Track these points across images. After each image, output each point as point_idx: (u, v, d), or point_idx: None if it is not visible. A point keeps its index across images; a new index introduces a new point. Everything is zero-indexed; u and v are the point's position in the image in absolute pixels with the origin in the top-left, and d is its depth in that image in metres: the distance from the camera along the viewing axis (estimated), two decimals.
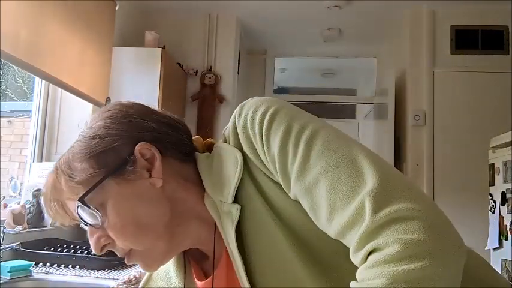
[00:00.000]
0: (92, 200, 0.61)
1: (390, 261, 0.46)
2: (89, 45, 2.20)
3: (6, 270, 1.46)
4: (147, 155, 0.64)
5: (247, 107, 0.62)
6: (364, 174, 0.52)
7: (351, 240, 0.51)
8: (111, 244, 0.65)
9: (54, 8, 1.88)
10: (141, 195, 0.63)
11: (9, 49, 1.58)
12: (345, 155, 0.54)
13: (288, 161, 0.57)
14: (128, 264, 0.68)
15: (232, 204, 0.61)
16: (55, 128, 2.37)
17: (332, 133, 0.57)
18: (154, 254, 0.65)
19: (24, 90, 2.52)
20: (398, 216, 0.48)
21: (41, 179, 2.12)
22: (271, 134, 0.58)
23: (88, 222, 0.63)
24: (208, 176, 0.65)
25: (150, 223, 0.63)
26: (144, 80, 2.56)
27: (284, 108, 0.60)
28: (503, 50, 2.92)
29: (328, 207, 0.53)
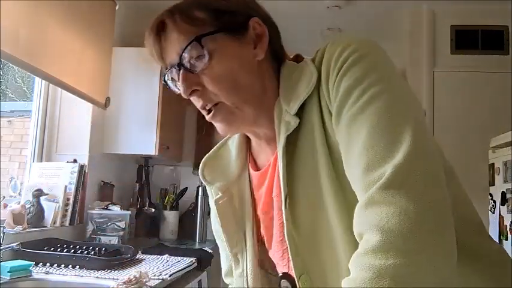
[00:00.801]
0: (204, 43, 0.68)
1: (377, 251, 0.50)
2: (89, 45, 2.20)
3: (6, 270, 1.46)
4: (257, 30, 0.72)
5: (344, 39, 0.66)
6: (398, 150, 0.55)
7: (358, 196, 0.58)
8: (201, 92, 0.71)
9: (54, 8, 1.88)
10: (243, 58, 0.71)
11: (9, 49, 1.58)
12: (395, 124, 0.57)
13: (347, 105, 0.61)
14: (210, 119, 0.73)
15: (293, 116, 0.68)
16: (55, 128, 2.37)
17: (399, 98, 0.60)
18: (237, 114, 0.71)
19: (24, 90, 2.52)
20: (397, 204, 0.52)
21: (41, 179, 2.12)
22: (346, 74, 0.62)
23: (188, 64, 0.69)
24: (286, 83, 0.72)
25: (244, 84, 0.70)
26: (144, 80, 2.56)
27: (371, 55, 0.63)
28: (503, 50, 2.91)
29: (357, 163, 0.58)
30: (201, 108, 0.73)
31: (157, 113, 2.53)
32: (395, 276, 0.48)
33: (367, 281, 0.49)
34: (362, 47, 0.64)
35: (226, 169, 0.83)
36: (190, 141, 3.06)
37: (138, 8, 3.01)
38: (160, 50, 0.72)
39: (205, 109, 0.73)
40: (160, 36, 0.72)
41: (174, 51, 0.70)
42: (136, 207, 2.71)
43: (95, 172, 2.41)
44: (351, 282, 0.52)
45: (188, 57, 0.69)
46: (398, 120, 0.57)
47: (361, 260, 0.52)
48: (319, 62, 0.68)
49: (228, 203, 0.81)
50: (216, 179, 0.83)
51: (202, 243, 2.70)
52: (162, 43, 0.72)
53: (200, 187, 2.90)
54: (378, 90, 0.60)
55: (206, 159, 0.86)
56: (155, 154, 2.53)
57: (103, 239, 2.17)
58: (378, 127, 0.57)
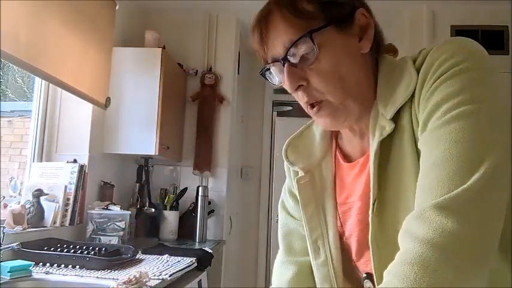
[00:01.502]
0: (315, 38, 0.66)
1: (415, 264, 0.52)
2: (89, 45, 2.20)
3: (6, 270, 1.46)
4: (363, 22, 0.71)
5: (450, 46, 0.63)
6: (469, 176, 0.54)
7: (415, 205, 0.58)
8: (305, 87, 0.69)
9: (54, 8, 1.88)
10: (349, 52, 0.69)
11: (9, 49, 1.58)
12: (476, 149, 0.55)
13: (434, 116, 0.60)
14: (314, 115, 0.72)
15: (388, 121, 0.67)
16: (55, 128, 2.37)
17: (489, 123, 0.57)
18: (342, 110, 0.70)
19: (24, 90, 2.52)
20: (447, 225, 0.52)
21: (41, 179, 2.12)
22: (442, 85, 0.60)
23: (295, 59, 0.68)
24: (385, 83, 0.70)
25: (350, 79, 0.69)
26: (144, 80, 2.56)
27: (474, 71, 0.59)
28: (503, 50, 2.91)
29: (425, 175, 0.58)
30: (304, 104, 0.72)
31: (157, 113, 2.53)
32: None
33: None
34: (467, 59, 0.60)
35: (310, 151, 0.83)
36: (190, 141, 3.06)
37: (138, 8, 3.01)
38: (263, 42, 0.71)
39: (309, 104, 0.71)
40: (264, 28, 0.70)
41: (281, 43, 0.68)
42: (136, 207, 2.71)
43: (95, 172, 2.42)
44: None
45: (295, 51, 0.68)
46: (480, 148, 0.55)
47: (397, 268, 0.53)
48: (419, 64, 0.65)
49: (309, 183, 0.81)
50: (299, 159, 0.83)
51: (202, 243, 2.70)
52: (266, 35, 0.70)
53: (200, 187, 2.90)
54: (470, 109, 0.57)
55: (290, 140, 0.86)
56: (155, 154, 2.53)
57: (103, 239, 2.17)
58: (456, 147, 0.56)
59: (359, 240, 0.75)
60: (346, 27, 0.69)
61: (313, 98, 0.70)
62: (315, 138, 0.83)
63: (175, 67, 2.90)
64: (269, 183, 4.00)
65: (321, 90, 0.69)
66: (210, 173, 3.03)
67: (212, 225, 3.01)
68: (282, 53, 0.68)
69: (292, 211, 0.89)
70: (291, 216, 0.90)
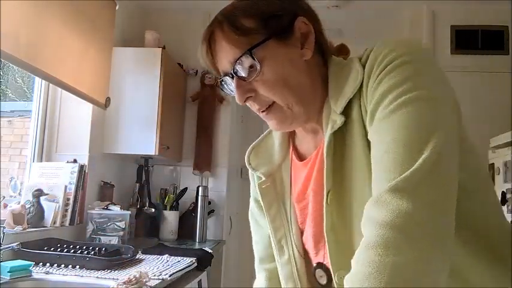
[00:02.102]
0: (255, 54, 0.70)
1: (378, 247, 0.53)
2: (89, 45, 2.20)
3: (6, 270, 1.46)
4: (303, 29, 0.74)
5: (392, 42, 0.67)
6: (417, 158, 0.57)
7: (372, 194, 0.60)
8: (254, 97, 0.74)
9: (54, 8, 1.88)
10: (292, 61, 0.73)
11: (9, 49, 1.58)
12: (421, 133, 0.59)
13: (380, 107, 0.63)
14: (264, 118, 0.77)
15: (339, 115, 0.70)
16: (55, 128, 2.37)
17: (433, 108, 0.61)
18: (289, 113, 0.74)
19: (24, 90, 2.52)
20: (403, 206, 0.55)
21: (41, 179, 2.12)
22: (386, 77, 0.64)
23: (241, 73, 0.72)
24: (334, 82, 0.74)
25: (295, 86, 0.73)
26: (144, 80, 2.56)
27: (415, 62, 0.64)
28: (503, 50, 2.91)
29: (377, 162, 0.62)
30: (256, 111, 0.77)
31: (157, 113, 2.53)
32: (393, 272, 0.52)
33: (366, 275, 0.53)
34: (408, 52, 0.65)
35: (270, 156, 0.87)
36: (190, 141, 3.06)
37: (138, 8, 3.01)
38: (212, 58, 0.76)
39: (260, 111, 0.76)
40: (211, 46, 0.75)
41: (226, 60, 0.73)
42: (136, 207, 2.71)
43: (95, 172, 2.42)
44: (352, 277, 0.55)
45: (240, 67, 0.72)
46: (424, 131, 0.58)
47: (362, 255, 0.55)
48: (365, 61, 0.70)
49: (271, 187, 0.85)
50: (260, 165, 0.87)
51: (202, 243, 2.70)
52: (214, 52, 0.75)
53: (200, 187, 2.90)
54: (413, 97, 0.61)
55: (252, 147, 0.91)
56: (155, 154, 2.53)
57: (103, 239, 2.17)
58: (403, 133, 0.59)
59: (315, 233, 0.79)
60: (286, 38, 0.73)
61: (264, 105, 0.74)
62: (275, 143, 0.88)
63: (175, 67, 2.90)
64: None
65: (269, 97, 0.73)
66: (210, 173, 3.03)
67: (212, 225, 3.01)
68: (229, 69, 0.73)
69: (259, 218, 0.93)
70: (258, 225, 0.93)
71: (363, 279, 0.53)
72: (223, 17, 0.74)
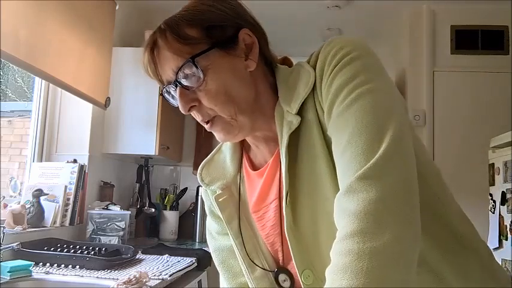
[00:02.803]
0: (198, 63, 0.70)
1: (355, 236, 0.55)
2: (89, 45, 2.20)
3: (6, 270, 1.46)
4: (247, 41, 0.74)
5: (338, 41, 0.69)
6: (379, 146, 0.59)
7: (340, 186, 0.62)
8: (198, 107, 0.74)
9: (54, 8, 1.88)
10: (235, 71, 0.73)
11: (9, 49, 1.58)
12: (378, 122, 0.61)
13: (336, 102, 0.65)
14: (209, 129, 0.77)
15: (294, 115, 0.71)
16: (55, 128, 2.37)
17: (385, 99, 0.64)
18: (234, 124, 0.74)
19: (24, 90, 2.52)
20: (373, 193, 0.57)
21: (41, 179, 2.12)
22: (338, 74, 0.66)
23: (184, 82, 0.72)
24: (284, 86, 0.75)
25: (238, 97, 0.73)
26: (144, 80, 2.54)
27: (362, 58, 0.67)
28: (503, 50, 2.91)
29: (341, 155, 0.63)
30: (200, 121, 0.76)
31: (157, 113, 2.53)
32: (373, 257, 0.53)
33: (347, 264, 0.53)
34: (355, 49, 0.67)
35: (223, 171, 0.86)
36: (190, 141, 3.06)
37: (138, 8, 3.01)
38: (155, 67, 0.74)
39: (204, 122, 0.76)
40: (154, 55, 0.74)
41: (170, 69, 0.72)
42: (136, 207, 2.71)
43: (95, 172, 2.42)
44: (333, 268, 0.55)
45: (183, 76, 0.71)
46: (381, 119, 0.62)
47: (340, 246, 0.56)
48: (314, 62, 0.71)
49: (229, 200, 0.84)
50: (214, 181, 0.87)
51: (202, 243, 2.70)
52: (157, 61, 0.74)
53: (200, 187, 2.89)
54: (366, 89, 0.64)
55: (203, 164, 0.90)
56: (155, 154, 2.53)
57: (103, 239, 2.17)
58: (362, 123, 0.61)
59: (267, 235, 0.79)
60: (230, 49, 0.73)
61: (207, 116, 0.74)
62: (226, 157, 0.87)
63: None
64: None
65: (211, 108, 0.73)
66: None
67: None
68: (173, 77, 0.72)
69: (219, 236, 0.90)
70: (219, 240, 0.90)
71: (344, 268, 0.53)
72: (167, 25, 0.73)
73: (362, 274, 0.52)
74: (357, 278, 0.52)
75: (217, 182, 0.86)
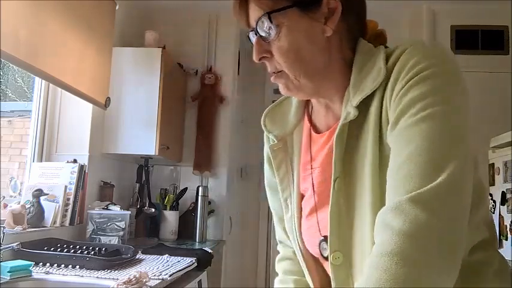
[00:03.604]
0: (274, 18, 0.73)
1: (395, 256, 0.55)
2: (89, 45, 2.20)
3: (6, 270, 1.46)
4: (331, 5, 0.74)
5: (422, 49, 0.67)
6: (439, 174, 0.58)
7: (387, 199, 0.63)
8: (269, 58, 0.77)
9: (54, 8, 1.88)
10: (310, 34, 0.74)
11: (9, 49, 1.58)
12: (444, 148, 0.61)
13: (406, 115, 0.64)
14: (272, 81, 0.80)
15: (354, 108, 0.72)
16: (55, 128, 2.37)
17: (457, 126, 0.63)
18: (295, 84, 0.77)
19: (24, 90, 2.52)
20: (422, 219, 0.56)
21: (41, 179, 2.12)
22: (414, 87, 0.64)
23: (261, 33, 0.75)
24: (358, 72, 0.75)
25: (307, 59, 0.75)
26: (144, 80, 2.56)
27: (443, 75, 0.65)
28: (503, 50, 2.92)
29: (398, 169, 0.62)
30: (269, 72, 0.79)
31: (157, 113, 2.53)
32: (407, 283, 0.54)
33: (382, 281, 0.54)
34: (439, 63, 0.65)
35: (285, 121, 0.90)
36: (190, 141, 3.06)
37: (138, 8, 3.01)
38: (242, 14, 0.78)
39: (271, 72, 0.79)
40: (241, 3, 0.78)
41: (253, 18, 0.76)
42: (136, 207, 2.71)
43: (95, 172, 2.42)
44: (367, 281, 0.57)
45: (261, 27, 0.75)
46: (448, 146, 0.60)
47: (377, 260, 0.57)
48: (392, 63, 0.69)
49: (281, 150, 0.89)
50: (274, 128, 0.90)
51: (202, 243, 2.70)
52: (243, 9, 0.78)
53: (200, 187, 2.90)
54: (440, 110, 0.62)
55: (268, 110, 0.93)
56: (155, 154, 2.53)
57: (103, 239, 2.17)
58: (428, 144, 0.60)
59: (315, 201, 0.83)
60: (311, 11, 0.73)
61: (274, 69, 0.77)
62: (292, 108, 0.90)
63: (175, 67, 2.90)
64: None
65: (280, 63, 0.76)
66: (210, 173, 3.03)
67: (212, 225, 3.01)
68: (253, 26, 0.76)
69: (271, 182, 0.95)
70: (272, 190, 0.95)
71: (377, 283, 0.55)
72: None
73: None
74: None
75: (276, 130, 0.90)
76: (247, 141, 3.94)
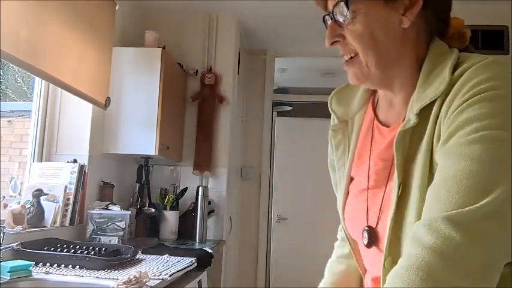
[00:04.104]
0: (351, 4, 0.74)
1: (420, 271, 0.55)
2: (89, 45, 2.20)
3: (6, 270, 1.46)
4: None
5: (490, 69, 0.65)
6: (482, 197, 0.57)
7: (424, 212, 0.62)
8: (341, 43, 0.78)
9: (54, 8, 1.88)
10: (387, 23, 0.74)
11: (9, 49, 1.58)
12: (494, 173, 0.58)
13: (459, 133, 0.62)
14: (345, 67, 0.80)
15: (414, 115, 0.70)
16: (55, 128, 2.37)
17: (507, 152, 0.59)
18: (365, 72, 0.77)
19: (24, 90, 2.52)
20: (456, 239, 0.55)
21: (41, 179, 2.12)
22: (476, 105, 0.62)
23: (337, 17, 0.77)
24: (425, 76, 0.73)
25: (381, 47, 0.75)
26: (144, 80, 2.56)
27: (506, 99, 0.62)
28: (503, 50, 2.92)
29: (441, 185, 0.61)
30: (341, 56, 0.80)
31: (157, 113, 2.53)
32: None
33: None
34: (502, 86, 0.63)
35: (349, 104, 0.92)
36: (190, 141, 3.06)
37: (138, 8, 3.01)
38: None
39: (344, 59, 0.79)
40: None
41: (331, 1, 0.78)
42: (136, 207, 2.71)
43: (95, 172, 2.42)
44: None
45: (337, 11, 0.76)
46: (497, 173, 0.58)
47: (403, 272, 0.56)
48: (458, 75, 0.67)
49: (340, 131, 0.92)
50: (338, 109, 0.92)
51: (202, 243, 2.70)
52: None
53: (200, 187, 2.90)
54: (495, 135, 0.60)
55: (337, 90, 0.95)
56: (155, 154, 2.53)
57: (103, 239, 2.17)
58: (476, 166, 0.58)
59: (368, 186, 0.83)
60: (391, 0, 0.74)
61: (347, 52, 0.78)
62: (358, 93, 0.91)
63: (175, 67, 2.90)
64: (269, 183, 3.99)
65: (354, 47, 0.76)
66: (210, 173, 3.03)
67: (212, 225, 3.01)
68: (330, 9, 0.78)
69: (332, 162, 0.97)
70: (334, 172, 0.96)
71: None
72: None
73: None
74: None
75: (339, 111, 0.92)
76: (247, 141, 3.94)
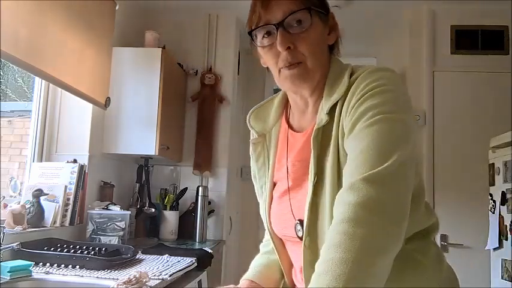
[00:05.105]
0: (312, 14, 0.86)
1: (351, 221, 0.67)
2: (89, 45, 2.20)
3: (6, 270, 1.46)
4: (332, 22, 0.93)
5: (376, 73, 0.83)
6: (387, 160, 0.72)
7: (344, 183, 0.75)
8: (293, 51, 0.86)
9: (54, 8, 1.88)
10: (324, 36, 0.91)
11: (9, 49, 1.58)
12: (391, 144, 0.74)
13: (360, 121, 0.78)
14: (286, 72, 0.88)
15: (325, 114, 0.86)
16: (55, 128, 2.37)
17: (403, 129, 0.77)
18: (310, 75, 0.88)
19: (24, 90, 2.52)
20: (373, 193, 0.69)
21: (41, 179, 2.12)
22: (370, 98, 0.79)
23: (293, 23, 0.85)
24: (332, 82, 0.89)
25: (321, 56, 0.90)
26: (144, 80, 2.56)
27: (391, 92, 0.81)
28: (503, 50, 2.91)
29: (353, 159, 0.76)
30: (284, 64, 0.87)
31: (157, 113, 2.53)
32: (363, 240, 0.65)
33: (342, 241, 0.65)
34: (390, 83, 0.81)
35: (265, 120, 1.04)
36: (190, 141, 3.06)
37: (138, 8, 3.01)
38: (262, 6, 0.87)
39: (287, 66, 0.87)
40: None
41: (281, 11, 0.85)
42: (136, 207, 2.71)
43: (95, 172, 2.42)
44: (329, 243, 0.67)
45: (291, 19, 0.85)
46: (393, 144, 0.74)
47: (338, 227, 0.68)
48: (353, 80, 0.85)
49: (260, 144, 1.04)
50: (257, 125, 1.05)
51: (202, 243, 2.70)
52: (266, 1, 0.87)
53: (200, 187, 2.90)
54: (388, 117, 0.77)
55: (253, 110, 1.07)
56: (155, 154, 2.53)
57: (103, 239, 2.17)
58: (376, 141, 0.74)
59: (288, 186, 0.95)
60: (326, 19, 0.91)
61: (296, 59, 0.86)
62: (272, 109, 1.03)
63: (175, 67, 2.90)
64: None
65: (304, 54, 0.86)
66: (210, 173, 3.03)
67: (212, 225, 3.01)
68: (279, 19, 0.85)
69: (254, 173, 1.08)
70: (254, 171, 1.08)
71: (339, 244, 0.65)
72: None
73: (353, 251, 0.64)
74: (349, 253, 0.64)
75: (257, 127, 1.04)
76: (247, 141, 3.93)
